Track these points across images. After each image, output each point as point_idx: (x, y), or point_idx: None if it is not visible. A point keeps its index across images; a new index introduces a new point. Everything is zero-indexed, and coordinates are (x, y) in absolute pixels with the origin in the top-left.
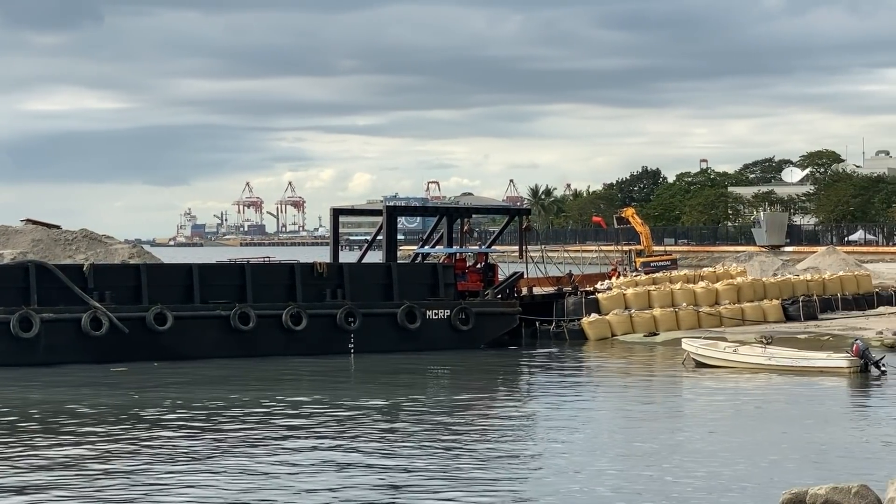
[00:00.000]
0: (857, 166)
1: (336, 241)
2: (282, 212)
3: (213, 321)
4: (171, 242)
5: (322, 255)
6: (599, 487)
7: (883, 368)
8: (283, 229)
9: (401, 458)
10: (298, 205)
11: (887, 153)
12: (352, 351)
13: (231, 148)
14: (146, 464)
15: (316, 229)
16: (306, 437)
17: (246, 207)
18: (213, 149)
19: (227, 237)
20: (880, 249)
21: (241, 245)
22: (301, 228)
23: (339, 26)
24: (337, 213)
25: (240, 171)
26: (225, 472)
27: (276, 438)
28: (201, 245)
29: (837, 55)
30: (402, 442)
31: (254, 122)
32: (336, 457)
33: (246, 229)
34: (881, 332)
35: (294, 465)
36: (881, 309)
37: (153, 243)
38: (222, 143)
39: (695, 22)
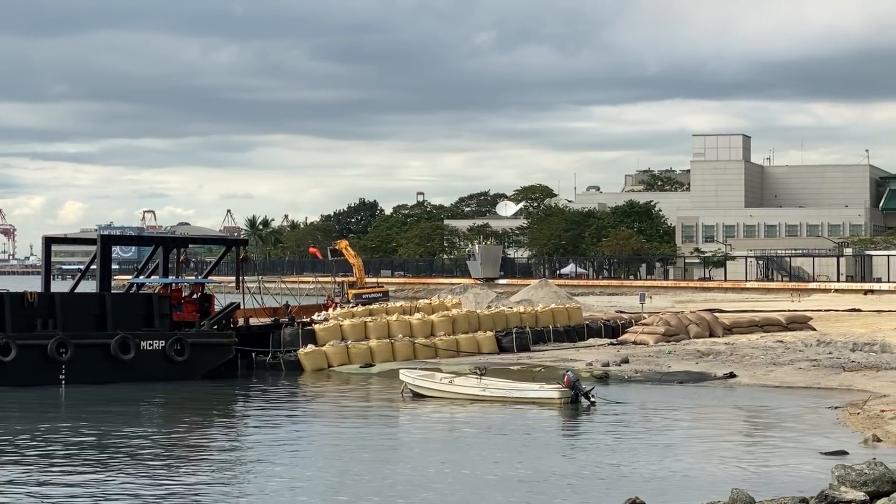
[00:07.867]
0: (570, 201)
1: (48, 270)
2: None
3: None
4: None
5: (33, 285)
6: None
7: (593, 399)
8: None
9: (109, 489)
10: (8, 233)
11: (598, 188)
12: (63, 382)
13: None
14: None
15: (27, 258)
16: (10, 471)
17: None
18: None
19: None
20: (590, 283)
21: None
22: (11, 257)
23: (48, 51)
24: (49, 241)
25: None
26: None
27: None
28: None
29: (545, 92)
30: (111, 474)
31: None
32: (42, 490)
33: None
34: (591, 364)
35: None
36: (591, 341)
37: None
38: None
39: (407, 56)
